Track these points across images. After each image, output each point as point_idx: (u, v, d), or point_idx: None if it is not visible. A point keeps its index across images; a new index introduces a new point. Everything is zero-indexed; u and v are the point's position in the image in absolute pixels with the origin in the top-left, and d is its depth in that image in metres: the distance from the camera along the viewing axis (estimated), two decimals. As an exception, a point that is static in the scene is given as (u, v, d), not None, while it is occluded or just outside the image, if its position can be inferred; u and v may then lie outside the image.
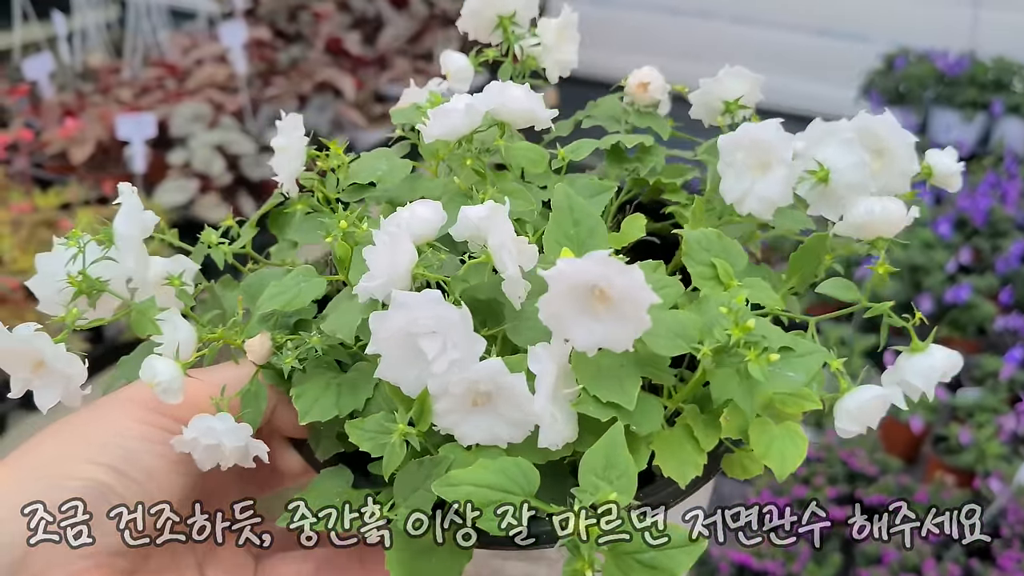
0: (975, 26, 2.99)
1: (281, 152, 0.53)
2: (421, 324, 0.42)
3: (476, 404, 0.43)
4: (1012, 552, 1.44)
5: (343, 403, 0.46)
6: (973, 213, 2.33)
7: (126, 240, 0.48)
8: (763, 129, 0.49)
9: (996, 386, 1.87)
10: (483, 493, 0.40)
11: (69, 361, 0.46)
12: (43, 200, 2.00)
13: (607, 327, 0.42)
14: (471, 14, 0.58)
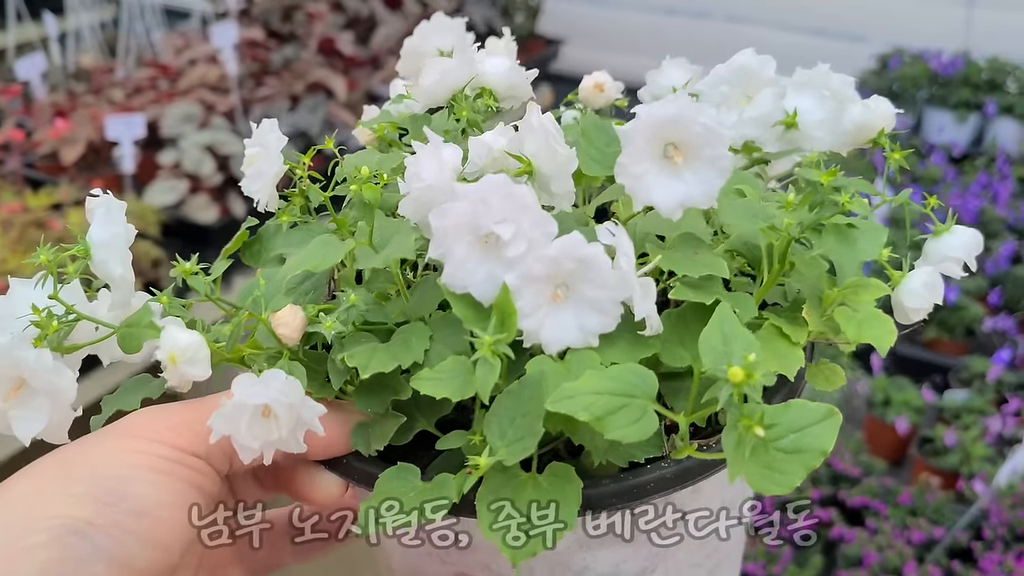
0: (969, 27, 2.99)
1: (255, 162, 0.50)
2: (492, 209, 0.39)
3: (557, 299, 0.40)
4: (993, 554, 1.45)
5: (400, 356, 0.41)
6: (964, 213, 2.33)
7: (109, 247, 0.42)
8: (743, 55, 0.50)
9: (983, 387, 1.87)
10: (604, 400, 0.37)
11: (57, 371, 0.40)
12: (34, 200, 2.00)
13: (688, 184, 0.42)
14: (404, 65, 0.58)
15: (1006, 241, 2.24)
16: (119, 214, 0.43)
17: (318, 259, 0.43)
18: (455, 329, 0.42)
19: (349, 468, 0.44)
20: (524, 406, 0.39)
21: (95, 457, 0.39)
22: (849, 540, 1.50)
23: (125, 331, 0.42)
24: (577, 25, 3.70)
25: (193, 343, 0.40)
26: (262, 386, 0.38)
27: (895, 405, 1.84)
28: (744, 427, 0.36)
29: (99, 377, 2.00)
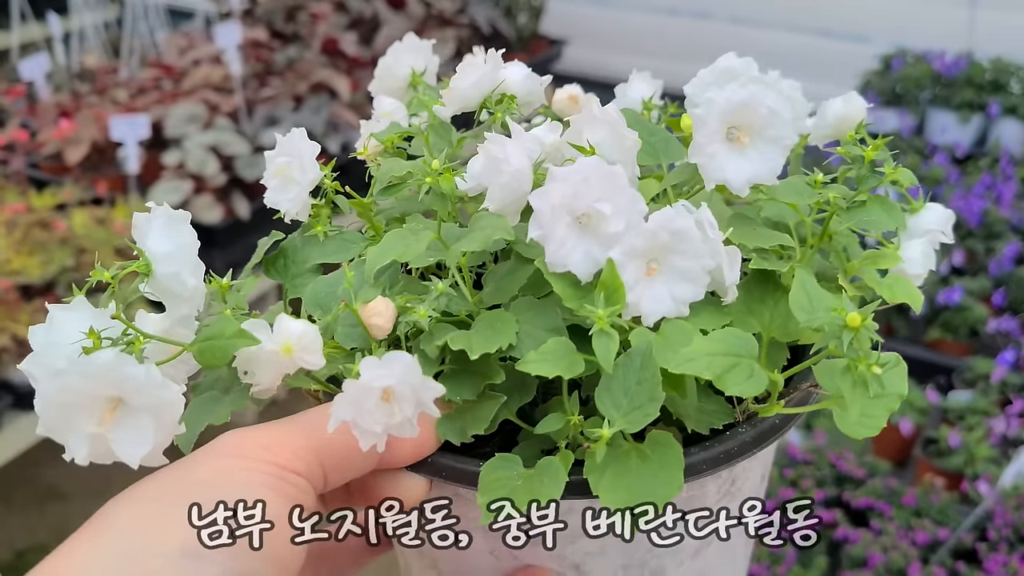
0: (972, 27, 2.99)
1: (285, 172, 0.49)
2: (592, 189, 0.42)
3: (651, 272, 0.43)
4: (998, 555, 1.44)
5: (494, 340, 0.42)
6: (967, 214, 2.33)
7: (177, 258, 0.41)
8: (726, 59, 0.51)
9: (987, 388, 1.87)
10: (716, 360, 0.41)
11: (166, 386, 0.37)
12: (38, 200, 2.01)
13: (754, 163, 0.46)
14: (378, 84, 0.59)
15: (1010, 242, 2.24)
16: (182, 224, 0.42)
17: (401, 250, 0.44)
18: (537, 312, 0.44)
19: (435, 466, 0.43)
20: (637, 375, 0.40)
21: (203, 476, 0.38)
22: (854, 541, 1.50)
23: (207, 344, 0.41)
24: (580, 26, 3.70)
25: (309, 331, 0.40)
26: (386, 368, 0.38)
27: (899, 406, 1.84)
28: (863, 367, 0.40)
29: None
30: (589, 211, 0.42)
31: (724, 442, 0.43)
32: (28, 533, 2.20)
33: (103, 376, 0.37)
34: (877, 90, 2.87)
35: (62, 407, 0.37)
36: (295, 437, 0.40)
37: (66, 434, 0.38)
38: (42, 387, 0.37)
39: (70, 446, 0.38)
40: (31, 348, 1.45)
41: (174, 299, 0.42)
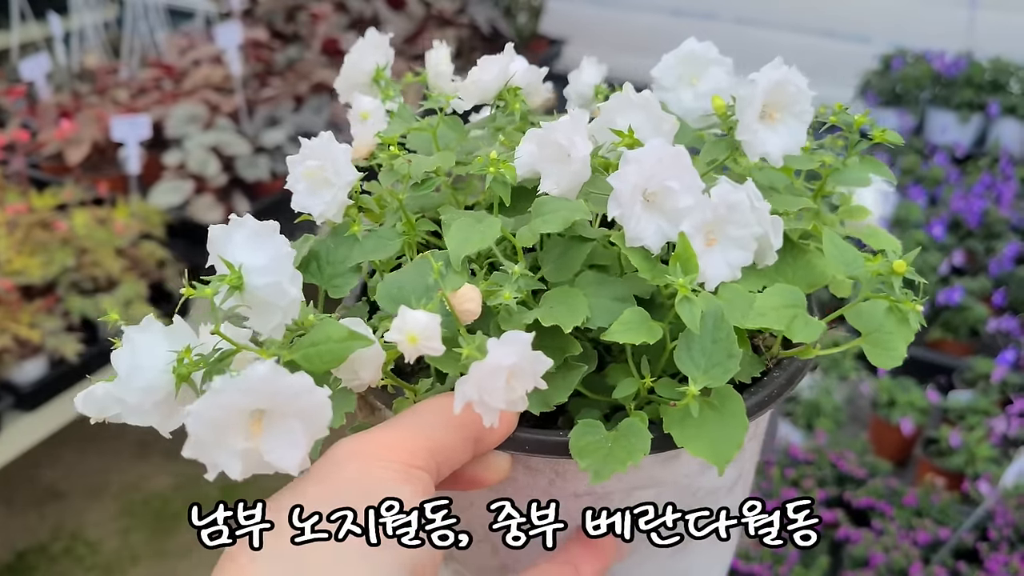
0: (972, 27, 2.99)
1: (316, 176, 0.50)
2: (665, 169, 0.45)
3: (711, 243, 0.47)
4: (999, 555, 1.45)
5: (577, 313, 0.45)
6: (967, 215, 2.34)
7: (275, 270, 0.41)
8: (689, 43, 0.57)
9: (988, 388, 1.87)
10: (781, 312, 0.46)
11: (315, 392, 0.38)
12: (39, 201, 2.01)
13: (782, 136, 0.51)
14: (342, 89, 0.60)
15: (1010, 242, 2.24)
16: (274, 235, 0.42)
17: (479, 236, 0.46)
18: (603, 286, 0.47)
19: (516, 441, 0.45)
20: (712, 335, 0.44)
21: (351, 477, 0.40)
22: (855, 541, 1.50)
23: (315, 350, 0.41)
24: (580, 25, 3.70)
25: (432, 321, 0.41)
26: (510, 346, 0.40)
27: (900, 406, 1.84)
28: (906, 306, 0.47)
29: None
30: (660, 189, 0.46)
31: (766, 386, 0.47)
32: (28, 534, 2.20)
33: (260, 389, 0.37)
34: (877, 90, 2.87)
35: (215, 425, 0.37)
36: (409, 437, 0.41)
37: (217, 452, 0.38)
38: (198, 408, 0.37)
39: (220, 463, 0.38)
40: (32, 349, 1.45)
41: (268, 310, 0.42)
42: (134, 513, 2.27)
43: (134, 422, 0.42)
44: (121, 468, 2.39)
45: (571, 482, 0.46)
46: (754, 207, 0.47)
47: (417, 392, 0.46)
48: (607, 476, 0.42)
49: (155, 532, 2.22)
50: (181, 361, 0.41)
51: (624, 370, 0.47)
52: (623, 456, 0.43)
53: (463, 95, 0.56)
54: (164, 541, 2.20)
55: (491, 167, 0.48)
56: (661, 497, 0.47)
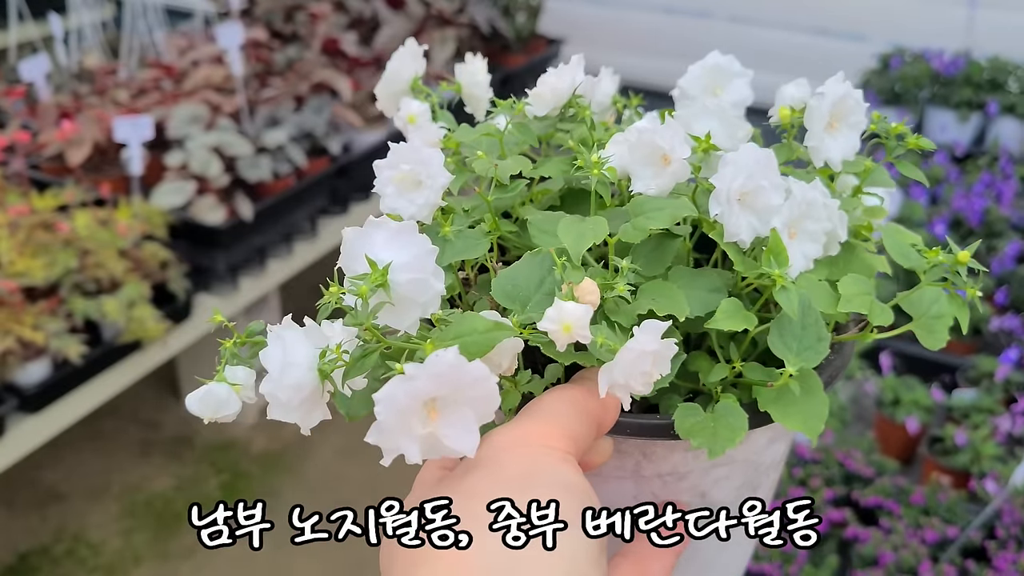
0: (971, 26, 3.00)
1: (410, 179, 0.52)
2: (759, 170, 0.49)
3: (792, 236, 0.51)
4: (1007, 553, 1.45)
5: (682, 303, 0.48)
6: (968, 213, 2.34)
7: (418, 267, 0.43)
8: (713, 56, 0.60)
9: (992, 387, 1.87)
10: (863, 298, 0.50)
11: (492, 379, 0.40)
12: (40, 202, 2.00)
13: (840, 143, 0.56)
14: (383, 96, 0.63)
15: (1011, 241, 2.25)
16: (413, 233, 0.44)
17: (591, 234, 0.48)
18: (694, 278, 0.50)
19: (619, 425, 0.48)
20: (801, 321, 0.48)
21: (520, 461, 0.41)
22: (864, 540, 1.51)
23: (462, 342, 0.42)
24: (578, 25, 3.70)
25: (585, 312, 0.43)
26: (652, 333, 0.43)
27: (905, 405, 1.85)
28: (971, 293, 0.52)
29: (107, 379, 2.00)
30: (754, 188, 0.49)
31: (827, 368, 0.51)
32: (30, 535, 2.19)
33: (447, 375, 0.39)
34: (876, 89, 2.88)
35: (402, 412, 0.39)
36: (555, 426, 0.43)
37: (399, 438, 0.40)
38: (388, 394, 0.39)
39: (402, 447, 0.40)
40: (35, 351, 1.44)
41: (409, 306, 0.44)
42: (136, 514, 2.26)
43: (280, 418, 0.44)
44: (122, 469, 2.39)
45: (656, 462, 0.50)
46: (826, 204, 0.52)
47: (518, 384, 0.48)
48: (721, 452, 0.46)
49: (157, 533, 2.21)
50: (324, 357, 0.43)
51: (703, 356, 0.51)
52: (728, 434, 0.46)
53: (534, 102, 0.58)
54: (166, 542, 2.19)
55: (595, 169, 0.50)
56: (732, 474, 0.51)
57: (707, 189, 0.51)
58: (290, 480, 2.29)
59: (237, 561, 2.10)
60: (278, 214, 2.29)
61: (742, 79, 0.60)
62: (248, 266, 2.29)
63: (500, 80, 3.13)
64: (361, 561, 1.90)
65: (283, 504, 0.47)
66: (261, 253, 2.32)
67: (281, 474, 2.31)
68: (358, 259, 0.43)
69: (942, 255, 0.52)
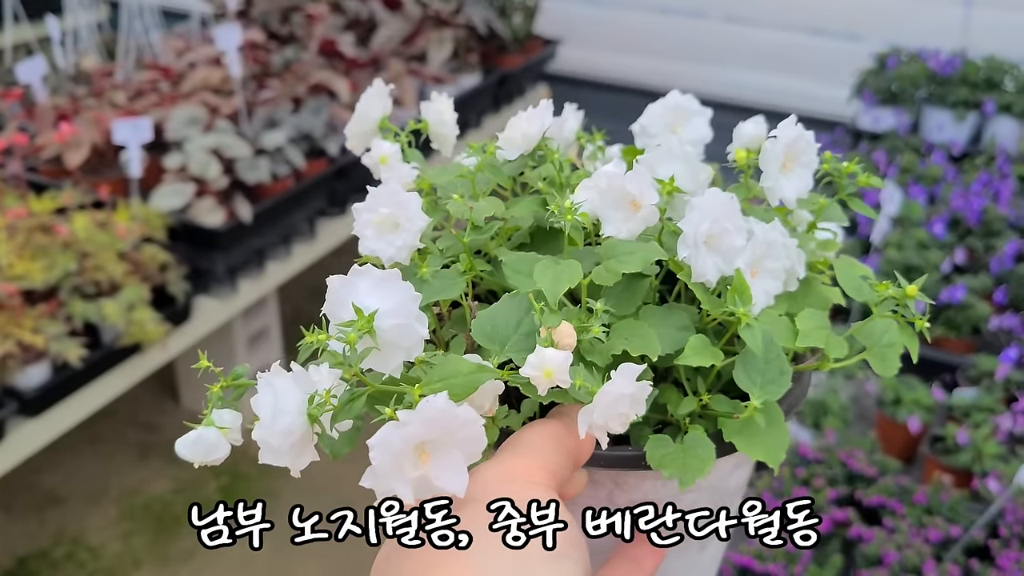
0: (967, 25, 3.01)
1: (387, 222, 0.54)
2: (724, 214, 0.51)
3: (754, 275, 0.53)
4: (1010, 552, 1.45)
5: (653, 342, 0.49)
6: (967, 213, 2.35)
7: (402, 313, 0.45)
8: (673, 96, 0.63)
9: (992, 386, 1.88)
10: (819, 332, 0.53)
11: (478, 423, 0.42)
12: (38, 204, 1.99)
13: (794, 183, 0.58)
14: (353, 135, 0.64)
15: (1010, 240, 2.25)
16: (397, 280, 0.45)
17: (567, 277, 0.50)
18: (664, 317, 0.52)
19: (593, 458, 0.49)
20: (764, 355, 0.50)
21: (512, 494, 0.43)
22: (867, 539, 1.51)
23: (445, 384, 0.45)
24: (574, 25, 3.70)
25: (565, 359, 0.45)
26: (627, 377, 0.45)
27: (906, 404, 1.85)
28: (918, 324, 0.54)
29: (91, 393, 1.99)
30: (719, 231, 0.52)
31: (786, 399, 0.52)
32: (29, 540, 2.18)
33: (437, 420, 0.41)
34: (873, 89, 2.88)
35: (395, 455, 0.41)
36: (535, 461, 0.45)
37: (392, 480, 0.41)
38: (383, 439, 0.41)
39: (395, 490, 0.42)
40: (35, 354, 1.44)
41: (393, 350, 0.46)
42: (135, 517, 2.26)
43: (271, 462, 0.45)
44: (121, 472, 2.38)
45: (628, 492, 0.51)
46: (785, 243, 0.54)
47: (496, 420, 0.50)
48: (691, 482, 0.47)
49: (156, 536, 2.21)
50: (311, 402, 0.45)
51: (671, 390, 0.52)
52: (697, 464, 0.48)
53: (505, 145, 0.60)
54: (166, 545, 2.18)
55: (567, 215, 0.52)
56: (699, 500, 0.52)
57: (673, 231, 0.53)
58: (288, 482, 2.28)
59: (236, 564, 2.09)
60: (277, 216, 2.28)
61: (701, 117, 0.63)
62: (247, 268, 2.28)
63: (497, 81, 3.13)
64: (361, 561, 1.90)
65: (282, 506, 0.48)
66: (260, 255, 2.31)
67: (279, 476, 2.31)
68: (344, 306, 0.45)
69: (891, 289, 0.54)
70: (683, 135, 0.63)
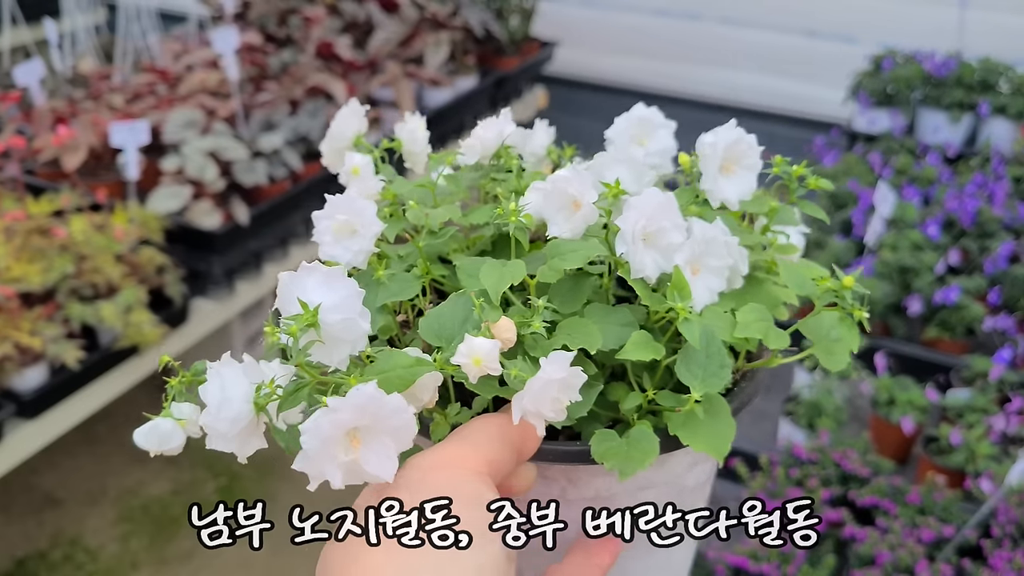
0: (962, 27, 3.01)
1: (345, 228, 0.56)
2: (660, 212, 0.52)
3: (695, 272, 0.55)
4: (1003, 551, 1.46)
5: (596, 338, 0.51)
6: (961, 214, 2.36)
7: (345, 308, 0.46)
8: (638, 109, 0.64)
9: (986, 387, 1.89)
10: (759, 325, 0.53)
11: (408, 411, 0.44)
12: (36, 207, 2.00)
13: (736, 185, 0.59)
14: (328, 153, 0.66)
15: (1004, 241, 2.26)
16: (342, 277, 0.47)
17: (509, 276, 0.51)
18: (608, 314, 0.54)
19: (541, 452, 0.50)
20: (705, 350, 0.51)
21: (441, 482, 0.44)
22: (861, 539, 1.52)
23: (385, 376, 0.46)
24: (571, 27, 3.71)
25: (494, 347, 0.47)
26: (558, 363, 0.46)
27: (899, 405, 1.86)
28: (856, 314, 0.54)
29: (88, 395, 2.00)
30: (656, 229, 0.53)
31: (738, 395, 0.54)
32: (27, 541, 2.19)
33: (367, 407, 0.43)
34: (869, 90, 2.89)
35: (325, 441, 0.43)
36: (473, 450, 0.47)
37: (323, 464, 0.43)
38: (313, 424, 0.42)
39: (326, 474, 0.43)
40: (32, 357, 1.45)
41: (338, 344, 0.47)
42: (133, 519, 2.26)
43: (219, 448, 0.47)
44: (118, 473, 2.38)
45: (581, 487, 0.53)
46: (726, 242, 0.55)
47: (447, 415, 0.52)
48: (631, 473, 0.48)
49: (155, 538, 2.21)
50: (259, 392, 0.46)
51: (622, 387, 0.54)
52: (640, 457, 0.49)
53: (466, 151, 0.63)
54: (164, 547, 2.19)
55: (512, 217, 0.54)
56: (658, 496, 0.54)
57: (617, 231, 0.55)
58: (286, 484, 2.29)
59: (234, 565, 2.10)
60: (274, 218, 2.29)
61: (666, 129, 0.65)
62: (244, 270, 2.29)
63: (494, 83, 3.14)
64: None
65: (280, 508, 0.48)
66: (257, 257, 2.32)
67: (277, 478, 2.31)
68: (293, 301, 0.47)
69: (831, 282, 0.55)
70: (649, 147, 0.64)
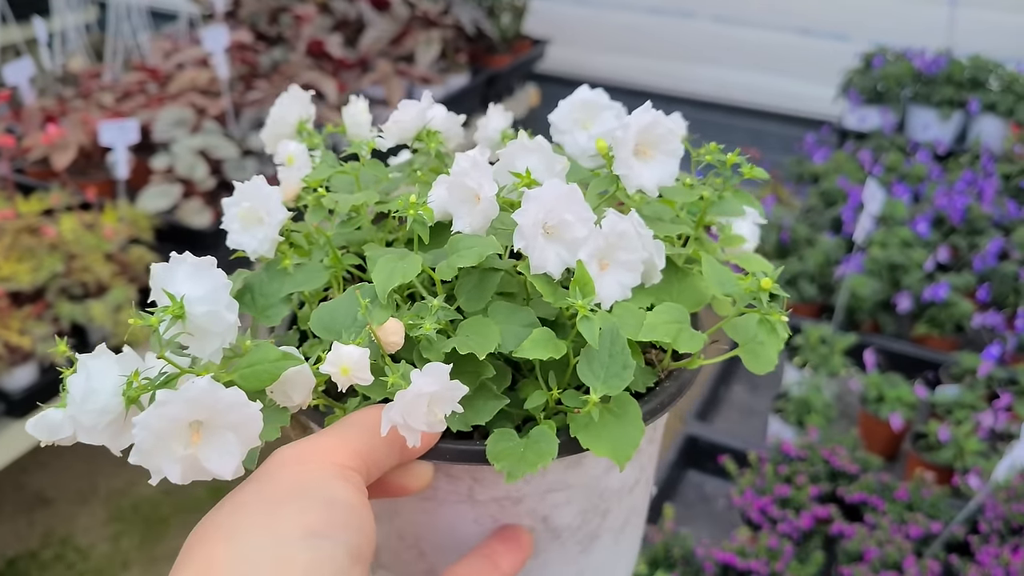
0: (952, 25, 3.02)
1: (250, 215, 0.54)
2: (560, 204, 0.50)
3: (603, 267, 0.52)
4: (990, 547, 1.47)
5: (491, 340, 0.49)
6: (950, 211, 2.36)
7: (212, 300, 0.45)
8: (582, 91, 0.61)
9: (974, 383, 1.89)
10: (668, 326, 0.51)
11: (249, 404, 0.42)
12: (25, 206, 2.00)
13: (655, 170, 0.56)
14: (268, 137, 0.64)
15: (993, 238, 2.27)
16: (210, 268, 0.46)
17: (402, 272, 0.49)
18: (512, 313, 0.52)
19: (439, 451, 0.49)
20: (609, 349, 0.49)
21: (288, 481, 0.43)
22: (849, 536, 1.52)
23: (251, 370, 0.46)
24: (563, 25, 3.71)
25: (363, 355, 0.45)
26: (431, 376, 0.44)
27: (888, 401, 1.87)
28: (772, 317, 0.52)
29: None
30: (558, 222, 0.51)
31: (659, 395, 0.53)
32: (17, 541, 2.19)
33: (199, 401, 0.41)
34: (859, 88, 2.90)
35: (159, 434, 0.41)
36: (345, 443, 0.45)
37: (160, 459, 0.42)
38: (144, 418, 0.41)
39: (163, 469, 0.42)
40: (22, 356, 1.45)
41: (207, 336, 0.46)
42: (123, 518, 2.26)
43: (87, 441, 0.45)
44: (108, 473, 2.38)
45: (488, 487, 0.51)
46: (639, 234, 0.53)
47: (346, 410, 0.50)
48: (519, 476, 0.47)
49: (145, 537, 2.21)
50: (130, 384, 0.44)
51: (534, 385, 0.52)
52: (534, 459, 0.47)
53: (385, 134, 0.60)
54: (154, 546, 2.19)
55: (411, 209, 0.52)
56: (572, 499, 0.53)
57: None
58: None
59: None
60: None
61: (610, 112, 0.62)
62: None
63: (485, 81, 3.14)
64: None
65: None
66: (248, 255, 2.32)
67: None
68: (162, 292, 0.46)
69: (750, 281, 0.53)
70: (593, 131, 0.62)
